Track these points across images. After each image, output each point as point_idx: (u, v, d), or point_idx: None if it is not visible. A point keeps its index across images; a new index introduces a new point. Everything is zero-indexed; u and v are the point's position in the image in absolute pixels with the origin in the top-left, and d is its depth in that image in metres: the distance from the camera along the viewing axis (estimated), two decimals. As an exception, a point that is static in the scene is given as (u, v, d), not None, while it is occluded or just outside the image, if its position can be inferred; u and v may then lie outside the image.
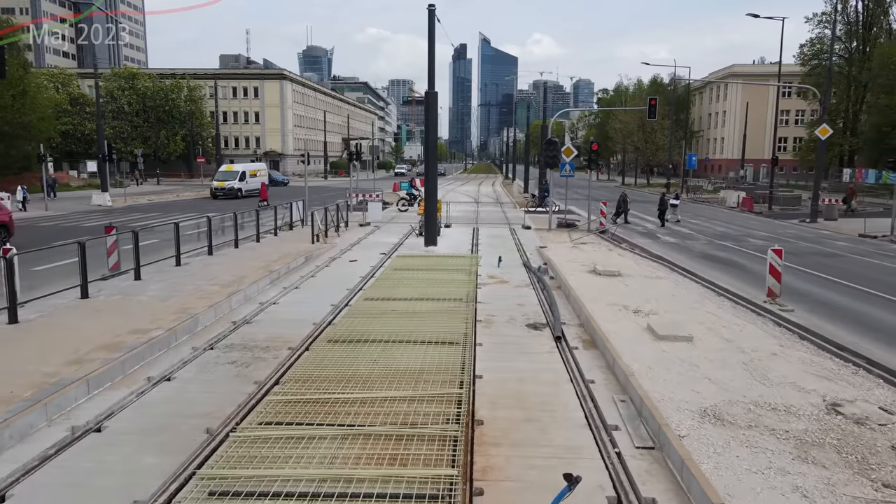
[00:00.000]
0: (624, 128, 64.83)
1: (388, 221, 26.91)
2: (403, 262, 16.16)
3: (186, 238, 19.37)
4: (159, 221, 27.70)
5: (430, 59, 18.09)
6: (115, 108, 78.95)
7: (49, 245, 16.54)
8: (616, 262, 16.89)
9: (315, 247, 19.15)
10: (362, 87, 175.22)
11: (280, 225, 23.42)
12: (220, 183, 42.18)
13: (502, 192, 53.91)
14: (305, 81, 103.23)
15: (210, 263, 15.40)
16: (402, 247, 19.79)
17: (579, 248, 19.77)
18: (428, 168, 19.05)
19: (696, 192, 49.28)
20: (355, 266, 16.19)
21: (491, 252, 18.68)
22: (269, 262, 15.69)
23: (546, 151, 24.50)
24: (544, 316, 11.18)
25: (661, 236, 24.03)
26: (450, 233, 23.19)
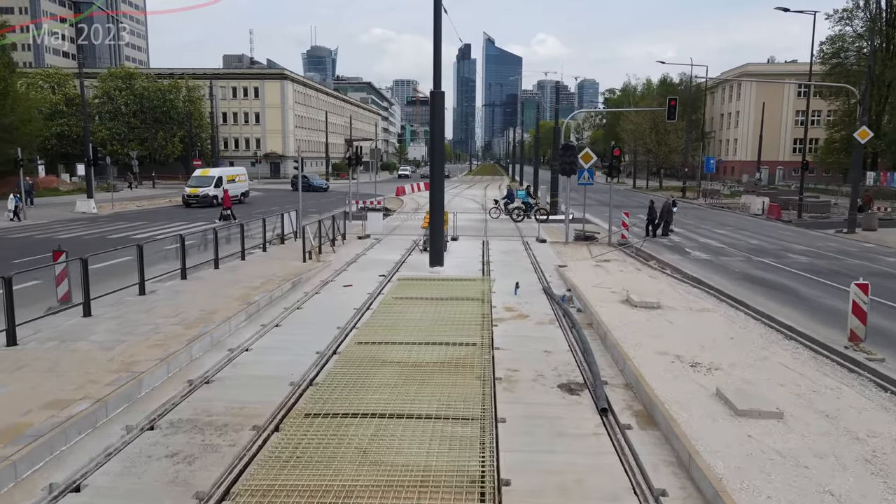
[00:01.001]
0: (636, 129, 62.52)
1: (389, 233, 24.75)
2: (405, 289, 14.03)
3: (163, 255, 17.30)
4: (142, 232, 25.62)
5: (436, 55, 15.94)
6: (111, 108, 77.11)
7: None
8: (649, 286, 14.69)
9: (306, 266, 17.00)
10: (366, 88, 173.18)
11: (271, 238, 21.30)
12: (192, 189, 39.09)
13: (510, 196, 51.65)
14: (307, 81, 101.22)
15: (181, 291, 13.26)
16: (404, 265, 17.62)
17: (603, 268, 17.57)
18: (433, 175, 16.86)
19: (714, 196, 46.94)
20: (350, 292, 14.04)
21: (505, 272, 16.51)
22: (249, 288, 13.54)
23: (563, 157, 22.30)
24: (579, 369, 9.00)
25: (690, 251, 21.79)
26: (457, 247, 21.01)
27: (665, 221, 25.08)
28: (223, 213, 30.75)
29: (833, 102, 59.45)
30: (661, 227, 25.19)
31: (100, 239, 23.86)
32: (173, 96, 77.81)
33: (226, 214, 30.55)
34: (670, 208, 25.39)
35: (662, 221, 25.02)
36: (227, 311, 11.48)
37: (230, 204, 31.40)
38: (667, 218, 25.12)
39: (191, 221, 29.92)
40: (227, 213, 30.68)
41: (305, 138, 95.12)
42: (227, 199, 31.76)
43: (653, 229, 25.02)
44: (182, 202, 38.87)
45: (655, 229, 25.08)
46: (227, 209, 30.81)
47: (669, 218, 25.28)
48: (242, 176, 43.07)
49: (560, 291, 14.26)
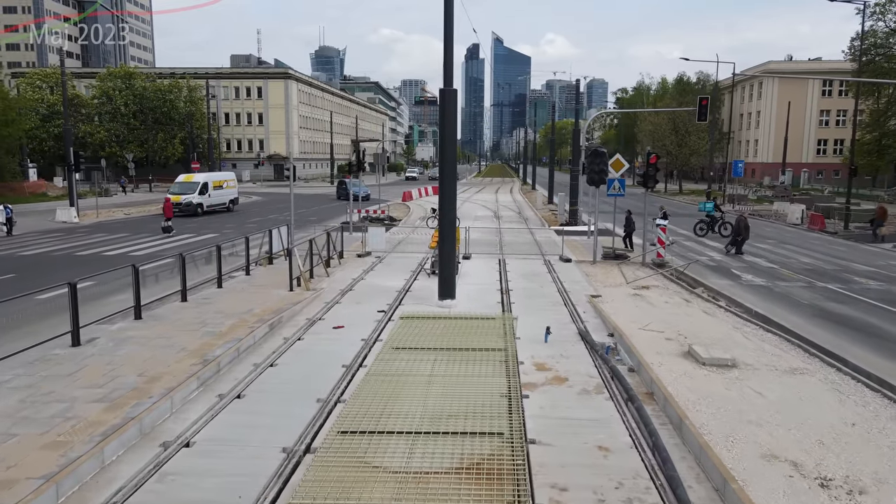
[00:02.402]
0: (655, 130, 59.51)
1: (393, 249, 22.02)
2: (408, 332, 11.32)
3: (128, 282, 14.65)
4: (117, 248, 23.03)
5: (447, 48, 13.20)
6: (110, 109, 74.82)
7: None
8: (710, 329, 11.91)
9: (293, 297, 14.31)
10: (373, 87, 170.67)
11: (256, 258, 18.65)
12: (174, 197, 35.49)
13: (524, 202, 48.83)
14: (312, 81, 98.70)
15: (127, 339, 10.57)
16: (408, 295, 14.90)
17: (644, 298, 14.79)
18: (444, 190, 13.94)
19: (743, 202, 43.91)
20: (340, 337, 11.33)
21: (528, 305, 13.78)
22: (214, 335, 10.85)
23: (591, 164, 19.50)
24: (654, 485, 6.24)
25: (738, 273, 18.94)
26: (470, 268, 18.27)
27: (742, 239, 21.99)
28: (163, 224, 27.73)
29: (863, 102, 56.28)
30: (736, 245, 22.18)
31: (66, 257, 21.30)
32: (174, 96, 75.46)
33: (166, 226, 27.59)
34: (746, 223, 22.28)
35: (740, 238, 21.92)
36: (176, 374, 8.79)
37: (172, 214, 28.16)
38: (745, 235, 22.01)
39: (177, 233, 27.29)
40: (167, 224, 27.65)
41: (310, 139, 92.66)
42: (169, 208, 28.37)
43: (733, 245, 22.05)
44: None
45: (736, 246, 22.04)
46: (168, 220, 27.75)
47: (747, 234, 22.16)
48: (231, 181, 40.30)
49: (600, 336, 11.51)
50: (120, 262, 20.18)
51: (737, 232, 22.12)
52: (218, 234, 26.98)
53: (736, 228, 22.24)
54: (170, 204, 28.45)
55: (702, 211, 28.67)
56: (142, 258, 20.46)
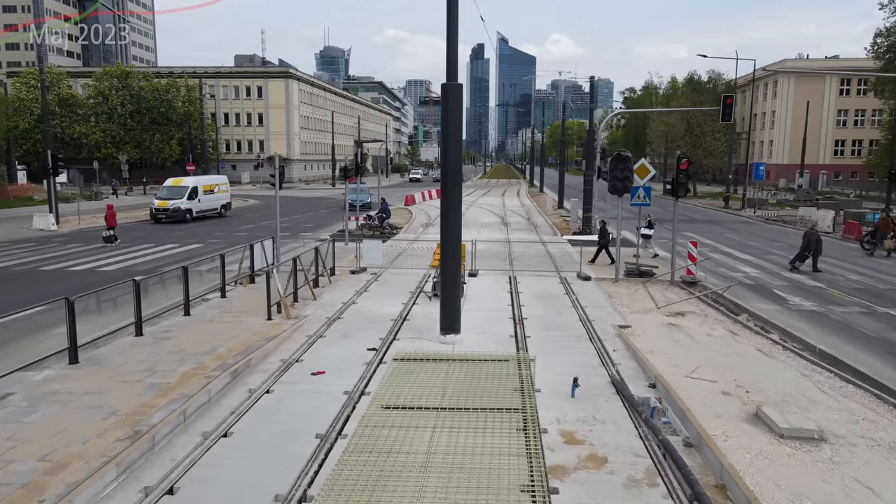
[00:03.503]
0: (668, 131, 57.16)
1: (391, 263, 19.85)
2: (402, 384, 9.15)
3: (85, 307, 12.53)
4: (89, 261, 20.94)
5: (451, 39, 11.02)
6: (106, 109, 72.95)
7: None
8: (773, 376, 9.72)
9: (270, 327, 12.19)
10: (377, 87, 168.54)
11: (236, 277, 16.53)
12: (161, 202, 33.65)
13: (532, 207, 46.57)
14: (314, 80, 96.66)
15: (46, 396, 8.44)
16: (405, 325, 12.74)
17: (682, 329, 12.60)
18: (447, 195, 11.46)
19: (763, 206, 41.57)
20: (318, 390, 9.18)
21: (546, 340, 11.62)
22: (161, 387, 8.71)
23: (614, 171, 17.29)
24: None
25: (782, 294, 16.69)
26: (477, 289, 16.10)
27: (814, 254, 19.62)
28: (105, 234, 25.33)
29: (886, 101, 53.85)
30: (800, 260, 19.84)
31: (29, 272, 19.21)
32: (171, 96, 73.54)
33: (108, 236, 25.21)
34: (818, 237, 19.86)
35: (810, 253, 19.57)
36: (91, 456, 6.66)
37: (115, 223, 25.69)
38: (815, 248, 19.64)
39: (157, 244, 25.22)
40: (109, 234, 25.24)
41: (311, 140, 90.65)
42: (112, 216, 25.65)
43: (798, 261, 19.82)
44: (150, 217, 33.87)
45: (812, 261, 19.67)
46: (111, 229, 25.30)
47: (819, 249, 19.82)
48: (223, 185, 38.16)
49: (639, 387, 9.32)
50: (86, 278, 18.14)
51: (805, 246, 19.74)
52: (203, 245, 24.90)
53: (805, 242, 19.83)
54: (112, 212, 25.89)
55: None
56: (111, 274, 18.43)
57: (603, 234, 20.70)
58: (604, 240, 20.66)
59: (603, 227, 20.98)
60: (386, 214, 29.70)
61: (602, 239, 20.71)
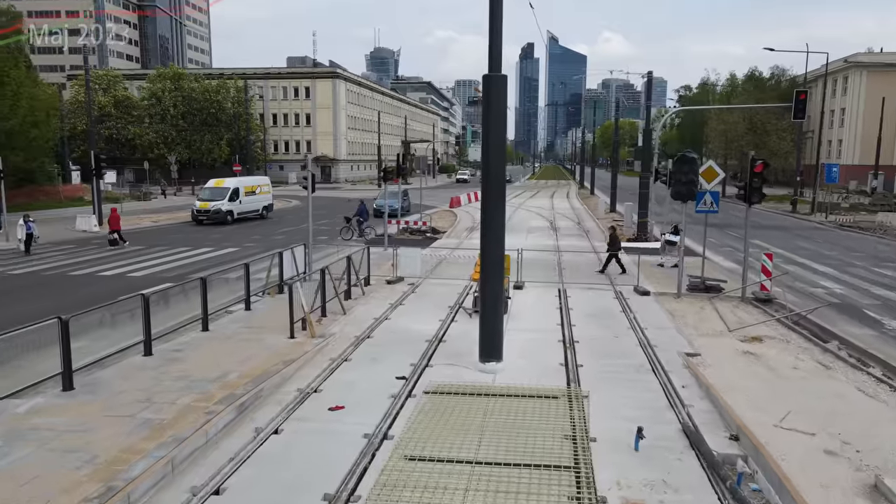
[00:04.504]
0: (728, 130, 54.10)
1: (430, 272, 18.51)
2: (432, 427, 7.76)
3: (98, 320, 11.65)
4: (121, 266, 20.34)
5: (494, 26, 9.57)
6: (159, 110, 74.25)
7: None
8: (885, 427, 7.94)
9: (291, 347, 11.01)
10: (425, 87, 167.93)
11: (265, 286, 15.48)
12: (202, 203, 33.26)
13: (583, 210, 44.57)
14: (361, 80, 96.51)
15: (26, 432, 7.39)
16: (442, 348, 11.36)
17: (761, 359, 10.82)
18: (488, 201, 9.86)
19: (835, 211, 38.49)
20: (334, 431, 7.91)
21: (601, 371, 10.07)
22: (153, 425, 7.58)
23: (677, 174, 15.51)
24: None
25: (875, 314, 14.58)
26: (523, 305, 14.58)
27: None
28: (109, 237, 24.98)
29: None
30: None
31: (59, 277, 18.69)
32: (222, 97, 74.34)
33: (112, 239, 24.85)
34: None
35: None
36: (49, 523, 5.51)
37: (119, 226, 25.19)
38: None
39: (193, 247, 24.58)
40: (113, 237, 24.87)
41: (358, 140, 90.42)
42: (116, 219, 25.13)
43: None
44: (191, 218, 33.57)
45: None
46: (114, 232, 24.88)
47: None
48: (265, 187, 37.60)
49: (718, 439, 7.70)
50: (114, 284, 17.44)
51: None
52: (239, 248, 24.14)
53: None
54: (116, 215, 25.41)
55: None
56: (139, 280, 17.70)
57: (613, 242, 19.39)
58: (614, 247, 19.26)
59: (613, 234, 19.70)
60: (363, 217, 28.15)
61: (612, 247, 19.32)
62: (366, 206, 28.68)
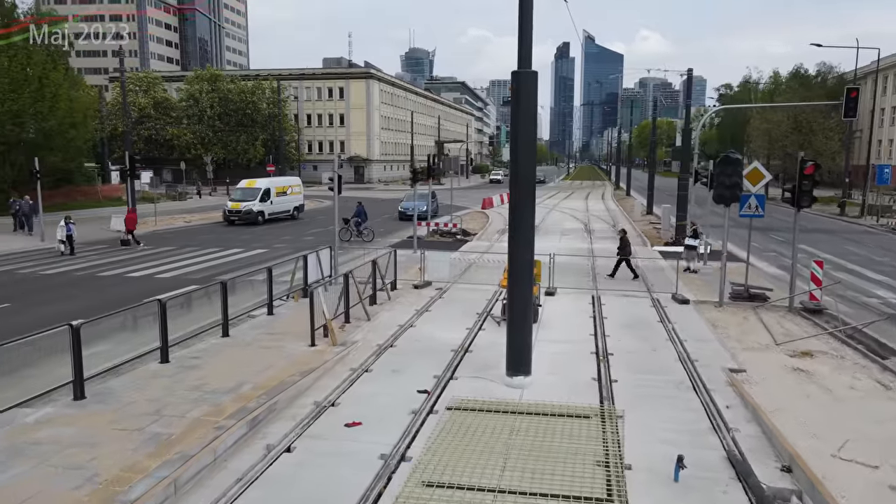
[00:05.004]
0: (772, 129, 52.23)
1: (459, 277, 17.98)
2: (453, 449, 7.18)
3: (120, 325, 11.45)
4: (149, 266, 20.32)
5: (524, 20, 8.99)
6: (197, 111, 75.39)
7: None
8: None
9: (311, 356, 10.61)
10: (459, 87, 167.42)
11: (289, 290, 15.17)
12: (234, 204, 33.36)
13: (619, 211, 43.48)
14: (395, 81, 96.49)
15: (30, 446, 7.11)
16: (467, 359, 10.82)
17: (812, 377, 10.00)
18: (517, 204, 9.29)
19: (887, 214, 36.65)
20: (348, 450, 7.44)
21: (638, 388, 9.42)
22: (160, 440, 7.22)
23: (720, 175, 14.64)
24: None
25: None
26: (554, 313, 13.95)
27: None
28: (123, 237, 25.23)
29: None
30: None
31: (88, 278, 18.73)
32: (257, 98, 75.10)
33: (125, 239, 25.11)
34: None
35: None
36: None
37: (134, 227, 25.58)
38: None
39: (223, 248, 24.52)
40: (127, 237, 25.15)
41: (392, 140, 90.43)
42: (132, 219, 25.48)
43: None
44: (223, 218, 33.73)
45: None
46: (129, 233, 25.23)
47: None
48: (296, 187, 37.59)
49: (767, 470, 6.99)
50: (143, 285, 17.38)
51: None
52: (268, 250, 24.00)
53: None
54: (132, 216, 25.75)
55: None
56: (167, 282, 17.61)
57: (623, 246, 18.93)
58: (624, 252, 18.79)
59: (623, 238, 19.20)
60: (361, 219, 27.90)
61: (622, 251, 18.85)
62: (363, 207, 28.64)
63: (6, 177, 32.38)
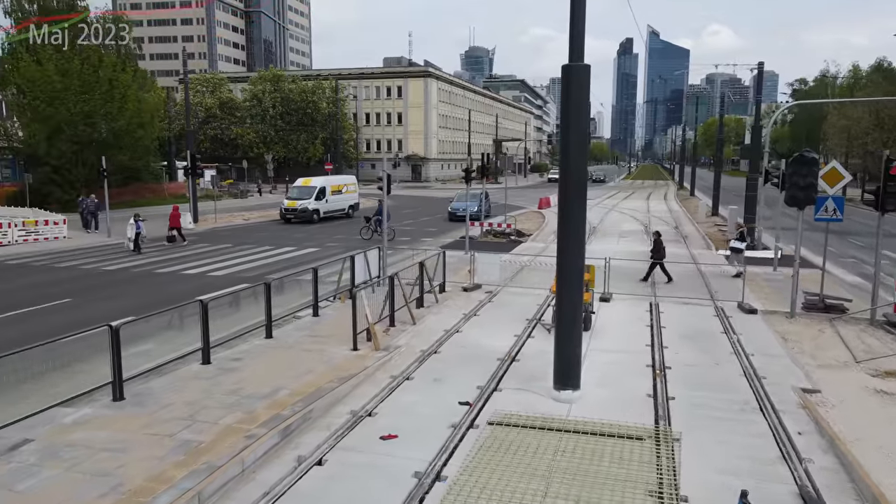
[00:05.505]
0: (853, 126, 49.14)
1: (509, 280, 17.41)
2: (493, 467, 6.69)
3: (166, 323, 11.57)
4: (203, 264, 20.63)
5: (576, 9, 8.41)
6: (260, 111, 77.25)
7: None
8: None
9: (352, 361, 10.32)
10: (519, 85, 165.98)
11: (335, 291, 14.99)
12: (290, 202, 33.81)
13: (681, 213, 41.80)
14: (453, 79, 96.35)
15: (64, 448, 7.04)
16: (514, 368, 10.29)
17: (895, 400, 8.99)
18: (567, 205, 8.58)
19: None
20: (381, 465, 7.06)
21: (697, 407, 8.68)
22: (190, 448, 7.04)
23: (794, 176, 13.55)
24: None
25: None
26: (608, 321, 13.23)
27: None
28: (168, 234, 25.58)
29: None
30: None
31: (145, 275, 19.14)
32: (317, 98, 76.34)
33: (170, 236, 25.49)
34: None
35: None
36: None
37: (179, 223, 25.87)
38: None
39: (276, 246, 24.75)
40: (171, 234, 25.54)
41: (449, 139, 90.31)
42: (176, 217, 25.79)
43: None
44: (280, 216, 34.26)
45: None
46: (173, 230, 25.59)
47: None
48: (351, 186, 37.80)
49: (847, 510, 6.19)
50: (197, 282, 17.62)
51: None
52: (320, 249, 24.07)
53: None
54: (176, 213, 26.15)
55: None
56: (219, 280, 17.78)
57: (657, 249, 17.90)
58: (657, 254, 17.80)
59: (657, 241, 18.10)
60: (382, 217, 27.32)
61: (655, 254, 17.86)
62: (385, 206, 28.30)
63: (79, 175, 33.82)
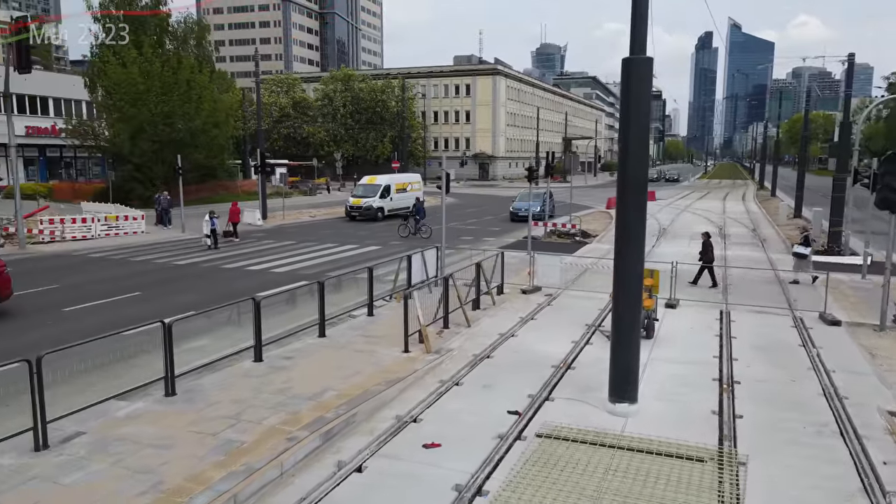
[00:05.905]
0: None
1: (571, 283, 16.83)
2: (538, 484, 6.41)
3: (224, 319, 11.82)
4: (268, 260, 21.04)
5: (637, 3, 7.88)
6: (331, 110, 78.90)
7: None
8: None
9: (402, 363, 10.16)
10: (590, 82, 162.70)
11: (391, 290, 14.91)
12: (356, 200, 34.24)
13: (760, 214, 39.62)
14: (522, 77, 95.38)
15: (112, 442, 7.16)
16: (568, 376, 9.84)
17: None
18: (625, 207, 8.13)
19: None
20: (421, 475, 6.84)
21: (768, 430, 8.00)
22: (231, 448, 7.02)
23: (885, 176, 12.39)
24: None
25: None
26: (673, 329, 12.52)
27: None
28: (226, 230, 25.97)
29: None
30: None
31: (212, 270, 19.70)
32: (386, 96, 77.25)
33: (228, 231, 25.99)
34: None
35: None
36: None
37: (238, 219, 26.66)
38: None
39: (339, 244, 25.02)
40: (228, 228, 26.12)
41: (517, 137, 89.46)
42: (235, 212, 26.51)
43: None
44: (345, 214, 34.74)
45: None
46: (231, 225, 26.28)
47: None
48: (416, 184, 37.87)
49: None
50: (260, 278, 18.01)
51: None
52: (382, 247, 24.16)
53: None
54: (236, 209, 26.85)
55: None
56: (281, 276, 18.08)
57: (706, 251, 16.76)
58: (706, 257, 16.72)
59: (707, 242, 16.88)
60: (421, 215, 27.82)
61: (704, 256, 16.77)
62: (422, 204, 29.04)
63: (158, 173, 35.42)
